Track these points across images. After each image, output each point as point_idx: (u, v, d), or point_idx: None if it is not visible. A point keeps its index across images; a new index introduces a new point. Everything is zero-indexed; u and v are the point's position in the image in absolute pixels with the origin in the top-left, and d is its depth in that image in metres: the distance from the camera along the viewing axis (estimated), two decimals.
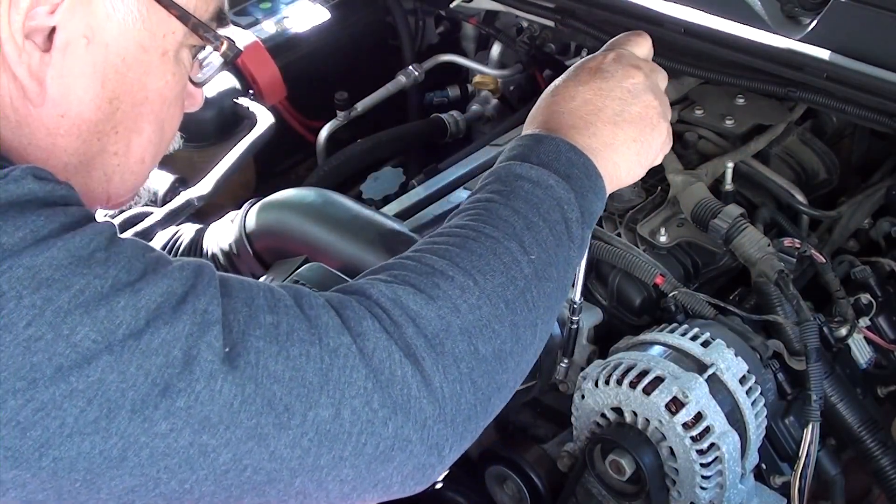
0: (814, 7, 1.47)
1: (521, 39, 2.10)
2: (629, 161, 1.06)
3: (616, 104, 1.04)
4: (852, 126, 1.77)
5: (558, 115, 1.02)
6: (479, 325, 0.85)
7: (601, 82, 1.05)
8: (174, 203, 1.61)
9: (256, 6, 2.14)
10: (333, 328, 0.81)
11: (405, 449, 0.81)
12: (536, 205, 0.93)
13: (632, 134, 1.04)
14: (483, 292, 0.86)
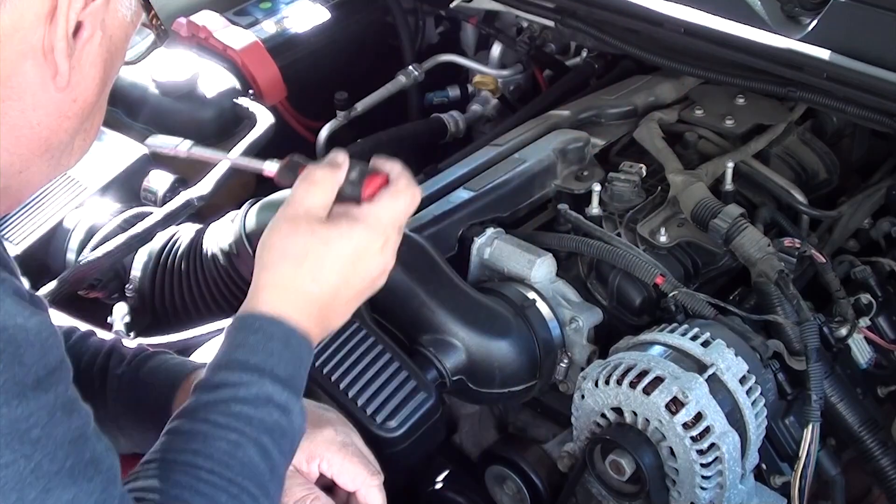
0: (814, 7, 1.47)
1: (521, 39, 2.10)
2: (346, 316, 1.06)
3: (356, 289, 1.04)
4: (852, 126, 1.77)
5: (302, 299, 1.00)
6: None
7: (351, 267, 1.02)
8: (174, 203, 1.62)
9: (256, 6, 2.13)
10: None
11: None
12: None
13: (356, 301, 1.06)
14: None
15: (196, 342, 1.45)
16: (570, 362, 1.39)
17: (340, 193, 1.04)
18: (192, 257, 1.63)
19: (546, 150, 1.64)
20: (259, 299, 1.00)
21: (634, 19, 1.66)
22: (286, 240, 1.00)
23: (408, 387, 1.25)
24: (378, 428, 1.23)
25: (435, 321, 1.33)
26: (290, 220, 1.01)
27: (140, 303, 1.66)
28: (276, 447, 0.95)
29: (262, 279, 1.00)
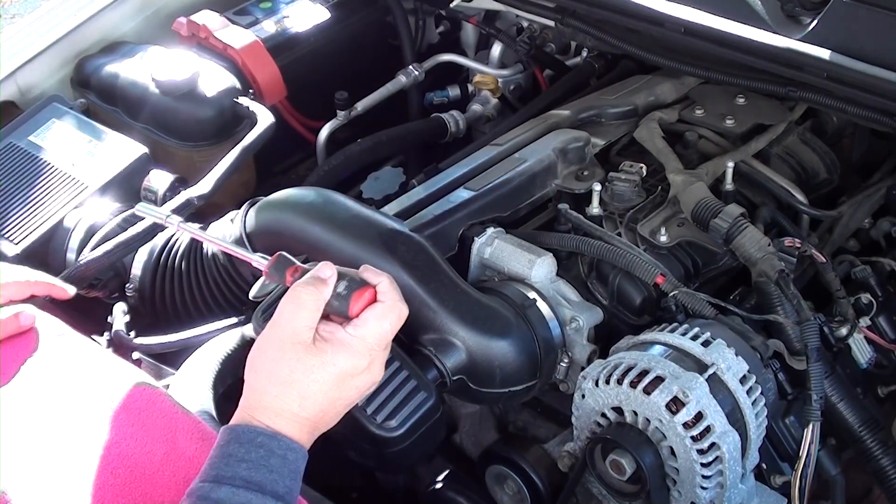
0: (814, 7, 1.47)
1: (521, 39, 2.10)
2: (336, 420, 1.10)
3: (344, 405, 1.08)
4: (853, 126, 1.78)
5: (292, 419, 1.04)
6: None
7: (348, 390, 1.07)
8: (174, 202, 1.61)
9: (256, 6, 2.13)
10: None
11: None
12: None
13: (345, 410, 1.10)
14: None
15: (196, 342, 1.45)
16: (570, 362, 1.39)
17: (328, 307, 1.06)
18: (192, 257, 1.63)
19: (546, 149, 1.64)
20: (253, 417, 1.03)
21: (635, 19, 1.66)
22: (273, 364, 1.04)
23: (408, 386, 1.25)
24: (378, 427, 1.23)
25: (435, 321, 1.33)
26: (277, 344, 1.04)
27: (140, 302, 1.66)
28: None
29: (252, 400, 1.04)
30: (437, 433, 1.30)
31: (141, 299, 1.65)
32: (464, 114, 2.12)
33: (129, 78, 1.89)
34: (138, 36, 2.07)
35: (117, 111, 1.91)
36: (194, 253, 1.63)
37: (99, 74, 1.93)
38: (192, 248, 1.64)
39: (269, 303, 1.35)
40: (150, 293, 1.65)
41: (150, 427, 1.10)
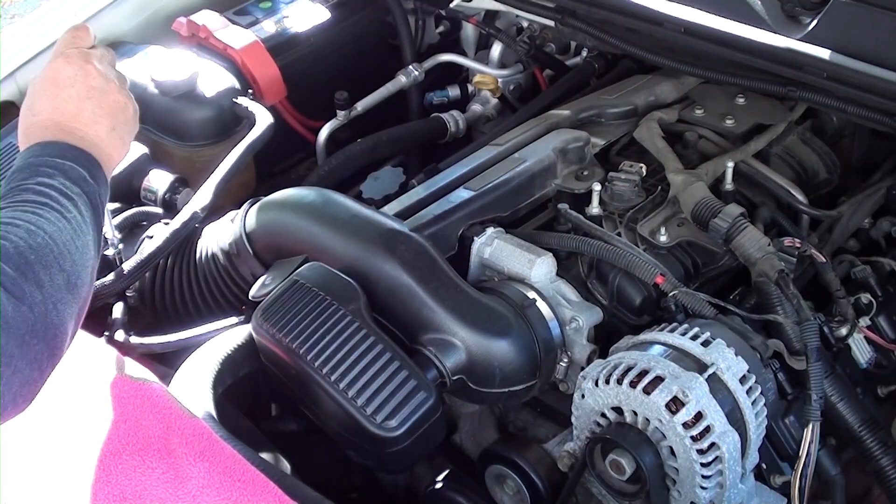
0: (814, 7, 1.47)
1: (521, 39, 2.10)
2: (117, 145, 1.25)
3: (89, 105, 1.23)
4: (852, 125, 1.77)
5: (49, 126, 1.20)
6: (48, 259, 1.02)
7: (68, 90, 1.23)
8: (179, 219, 1.60)
9: (256, 6, 2.13)
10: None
11: (10, 365, 0.94)
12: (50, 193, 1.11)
13: (109, 123, 1.24)
14: (45, 234, 1.04)
15: (196, 342, 1.45)
16: (569, 362, 1.39)
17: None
18: (191, 257, 1.63)
19: (546, 149, 1.64)
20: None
21: (634, 19, 1.66)
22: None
23: (408, 386, 1.25)
24: (378, 427, 1.23)
25: (435, 320, 1.33)
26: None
27: (140, 302, 1.66)
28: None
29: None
30: (437, 433, 1.30)
31: (141, 299, 1.65)
32: (464, 114, 2.12)
33: (128, 78, 1.88)
34: (138, 36, 2.07)
35: None
36: (194, 253, 1.63)
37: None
38: (191, 248, 1.64)
39: (269, 302, 1.35)
40: (150, 293, 1.65)
41: (145, 425, 1.10)
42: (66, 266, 1.05)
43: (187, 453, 1.09)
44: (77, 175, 1.14)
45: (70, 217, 1.09)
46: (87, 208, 1.13)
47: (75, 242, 1.08)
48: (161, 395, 1.16)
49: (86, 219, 1.12)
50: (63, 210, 1.09)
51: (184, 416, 1.14)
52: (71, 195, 1.11)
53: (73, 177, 1.14)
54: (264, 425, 1.49)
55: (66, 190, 1.11)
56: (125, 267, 1.57)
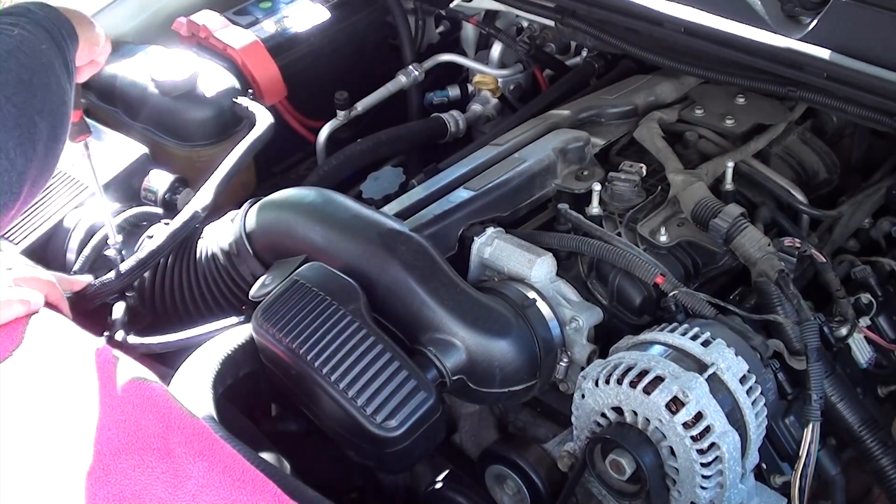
0: (814, 6, 1.47)
1: (521, 39, 2.10)
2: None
3: None
4: (852, 125, 1.77)
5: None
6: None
7: None
8: (180, 218, 1.61)
9: (256, 6, 2.13)
10: None
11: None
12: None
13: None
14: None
15: (196, 342, 1.45)
16: (570, 362, 1.39)
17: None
18: (191, 257, 1.63)
19: (546, 149, 1.64)
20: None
21: (634, 19, 1.66)
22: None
23: (408, 386, 1.25)
24: (378, 427, 1.23)
25: (435, 320, 1.33)
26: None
27: (140, 302, 1.66)
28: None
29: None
30: (437, 433, 1.30)
31: (140, 299, 1.65)
32: (464, 114, 2.12)
33: (128, 78, 1.89)
34: (138, 36, 2.07)
35: (117, 111, 1.91)
36: (193, 253, 1.63)
37: (98, 74, 1.93)
38: (191, 248, 1.64)
39: (269, 302, 1.35)
40: (150, 293, 1.65)
41: (144, 424, 1.10)
42: (10, 66, 1.08)
43: (187, 453, 1.09)
44: (21, 9, 1.18)
45: (12, 34, 1.12)
46: (35, 27, 1.17)
47: (21, 48, 1.10)
48: (161, 394, 1.16)
49: (35, 34, 1.14)
50: (1, 31, 1.12)
51: (183, 416, 1.14)
52: (12, 22, 1.14)
53: (14, 12, 1.17)
54: (264, 425, 1.49)
55: (6, 20, 1.14)
56: (125, 266, 1.58)
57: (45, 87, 1.13)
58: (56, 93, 1.15)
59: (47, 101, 1.13)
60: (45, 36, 1.18)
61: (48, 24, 1.20)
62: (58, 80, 1.17)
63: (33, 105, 1.10)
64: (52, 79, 1.15)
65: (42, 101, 1.12)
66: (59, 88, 1.17)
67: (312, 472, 1.36)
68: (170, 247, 1.60)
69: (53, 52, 1.18)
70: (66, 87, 1.18)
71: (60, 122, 1.16)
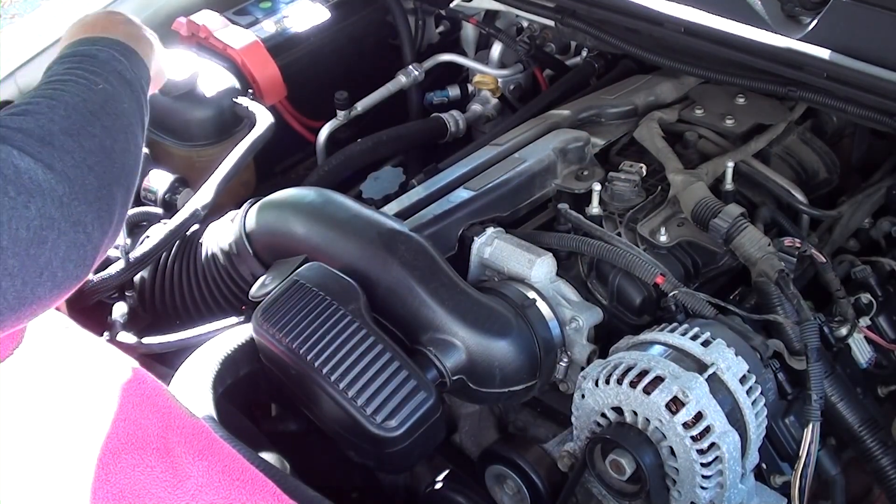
0: (814, 7, 1.47)
1: (521, 39, 2.10)
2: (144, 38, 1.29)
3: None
4: (853, 125, 1.77)
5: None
6: (74, 127, 1.04)
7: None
8: (180, 216, 1.61)
9: (256, 6, 2.13)
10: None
11: (52, 227, 0.96)
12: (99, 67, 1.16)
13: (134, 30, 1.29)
14: (66, 105, 1.06)
15: (196, 342, 1.45)
16: (569, 362, 1.39)
17: None
18: (191, 257, 1.63)
19: (546, 149, 1.64)
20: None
21: (634, 19, 1.66)
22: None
23: (408, 386, 1.25)
24: (378, 427, 1.23)
25: (435, 320, 1.33)
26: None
27: (140, 302, 1.66)
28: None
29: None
30: (437, 433, 1.30)
31: (140, 299, 1.66)
32: (464, 114, 2.12)
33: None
34: None
35: None
36: (194, 253, 1.63)
37: None
38: (191, 247, 1.64)
39: (269, 302, 1.35)
40: (150, 293, 1.65)
41: (144, 424, 1.10)
42: (95, 131, 1.05)
43: (187, 452, 1.09)
44: (107, 55, 1.16)
45: (98, 89, 1.10)
46: (120, 81, 1.14)
47: (105, 109, 1.08)
48: (161, 394, 1.16)
49: (118, 89, 1.13)
50: (89, 83, 1.10)
51: (183, 416, 1.14)
52: (98, 71, 1.12)
53: (101, 58, 1.15)
54: (264, 425, 1.49)
55: (92, 68, 1.12)
56: (123, 262, 1.57)
57: (124, 152, 1.10)
58: (134, 156, 1.13)
59: (125, 168, 1.10)
60: (128, 91, 1.16)
61: (132, 75, 1.18)
62: (136, 142, 1.14)
63: (112, 174, 1.07)
64: (131, 141, 1.13)
65: (121, 168, 1.09)
66: (136, 151, 1.14)
67: (312, 472, 1.36)
68: (169, 244, 1.59)
69: (134, 110, 1.16)
70: (140, 147, 1.16)
71: (133, 185, 1.13)
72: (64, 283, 1.00)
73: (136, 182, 1.13)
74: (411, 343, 1.34)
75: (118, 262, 1.58)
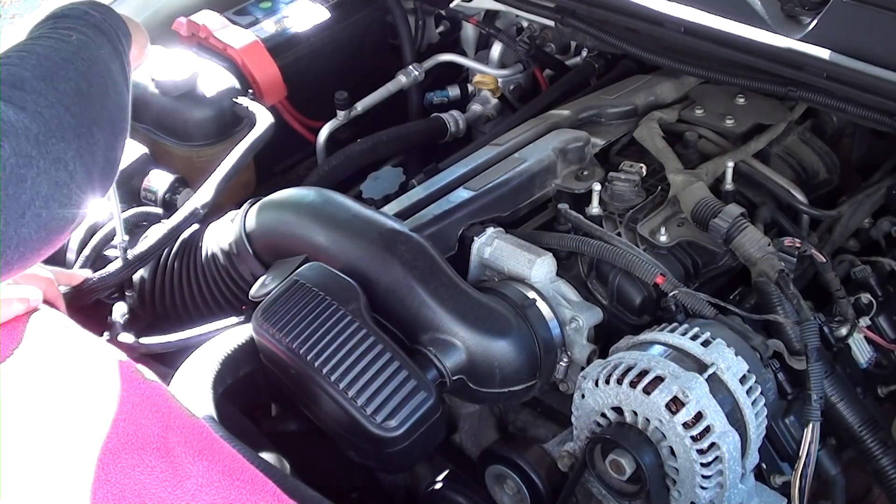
0: (814, 6, 1.47)
1: (521, 39, 2.10)
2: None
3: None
4: (853, 125, 1.78)
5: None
6: (46, 73, 1.03)
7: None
8: (180, 214, 1.61)
9: (256, 6, 2.13)
10: None
11: (30, 165, 0.95)
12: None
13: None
14: (38, 55, 1.05)
15: (196, 342, 1.45)
16: (569, 362, 1.39)
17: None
18: (191, 257, 1.63)
19: (546, 149, 1.64)
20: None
21: (634, 19, 1.67)
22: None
23: (408, 386, 1.25)
24: (378, 427, 1.23)
25: (435, 320, 1.33)
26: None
27: (140, 302, 1.66)
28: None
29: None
30: (437, 433, 1.30)
31: (140, 300, 1.65)
32: (464, 114, 2.12)
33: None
34: None
35: None
36: (194, 253, 1.63)
37: None
38: (191, 247, 1.64)
39: (269, 302, 1.35)
40: (150, 293, 1.65)
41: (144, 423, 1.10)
42: (69, 75, 1.05)
43: (186, 452, 1.09)
44: (79, 12, 1.15)
45: (71, 40, 1.09)
46: (94, 30, 1.13)
47: (79, 55, 1.08)
48: (160, 393, 1.16)
49: (91, 37, 1.12)
50: (60, 37, 1.09)
51: (183, 415, 1.14)
52: (70, 25, 1.11)
53: (73, 14, 1.14)
54: (264, 425, 1.49)
55: (64, 24, 1.11)
56: (123, 260, 1.57)
57: (103, 95, 1.10)
58: (114, 100, 1.13)
59: (105, 110, 1.10)
60: (104, 40, 1.16)
61: (106, 26, 1.18)
62: (116, 87, 1.14)
63: (91, 115, 1.07)
64: (110, 86, 1.13)
65: (100, 109, 1.09)
66: (117, 96, 1.14)
67: (312, 472, 1.36)
68: (169, 242, 1.59)
69: (111, 56, 1.16)
70: (123, 93, 1.16)
71: (119, 130, 1.13)
72: (50, 223, 0.99)
73: (124, 127, 1.13)
74: (411, 343, 1.34)
75: (117, 261, 1.58)
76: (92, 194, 1.07)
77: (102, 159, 1.07)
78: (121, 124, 1.13)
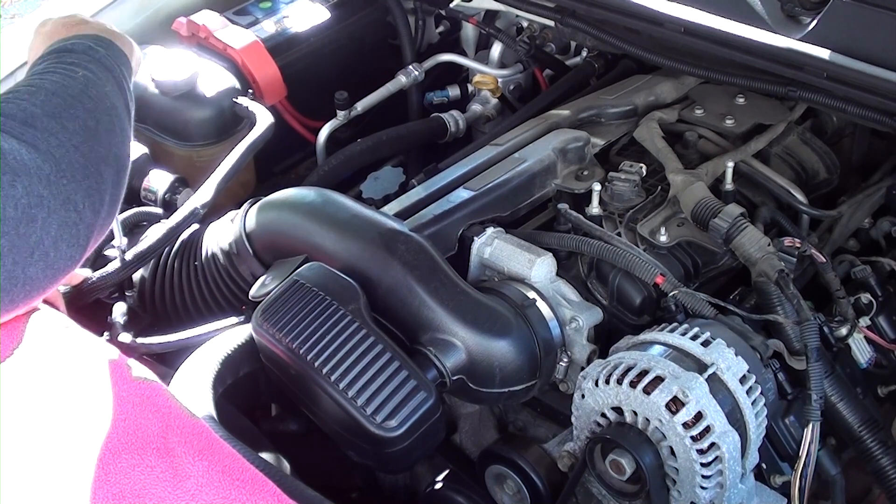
0: (814, 6, 1.47)
1: (521, 39, 2.10)
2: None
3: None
4: (852, 125, 1.78)
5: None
6: (56, 110, 1.06)
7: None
8: (179, 214, 1.61)
9: (256, 6, 2.13)
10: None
11: (42, 206, 0.96)
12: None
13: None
14: (47, 91, 1.08)
15: (196, 342, 1.45)
16: (570, 362, 1.39)
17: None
18: (191, 257, 1.63)
19: (546, 149, 1.64)
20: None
21: (634, 19, 1.67)
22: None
23: (408, 386, 1.25)
24: (378, 427, 1.23)
25: (435, 320, 1.33)
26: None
27: (140, 302, 1.66)
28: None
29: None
30: (436, 433, 1.30)
31: (140, 300, 1.65)
32: (464, 114, 2.12)
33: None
34: (138, 36, 2.05)
35: None
36: (194, 253, 1.63)
37: None
38: (191, 247, 1.64)
39: (269, 302, 1.35)
40: (150, 293, 1.65)
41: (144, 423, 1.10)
42: (77, 113, 1.07)
43: (186, 452, 1.09)
44: (83, 47, 1.17)
45: (77, 76, 1.11)
46: (99, 67, 1.16)
47: (86, 93, 1.10)
48: (161, 393, 1.15)
49: (98, 74, 1.14)
50: (67, 72, 1.11)
51: (183, 415, 1.14)
52: (76, 61, 1.14)
53: (77, 49, 1.17)
54: (264, 425, 1.49)
55: (69, 59, 1.14)
56: (123, 260, 1.57)
57: (109, 133, 1.11)
58: (120, 137, 1.14)
59: (112, 148, 1.11)
60: (108, 77, 1.17)
61: (110, 62, 1.20)
62: (121, 125, 1.15)
63: (99, 153, 1.08)
64: (116, 123, 1.14)
65: (107, 147, 1.10)
66: (122, 133, 1.15)
67: (312, 472, 1.36)
68: (169, 242, 1.59)
69: (116, 93, 1.17)
70: (127, 129, 1.17)
71: (123, 167, 1.14)
72: (57, 263, 1.00)
73: (127, 164, 1.14)
74: (411, 343, 1.34)
75: (117, 260, 1.58)
76: (98, 234, 1.07)
77: (109, 198, 1.08)
78: (124, 161, 1.14)
